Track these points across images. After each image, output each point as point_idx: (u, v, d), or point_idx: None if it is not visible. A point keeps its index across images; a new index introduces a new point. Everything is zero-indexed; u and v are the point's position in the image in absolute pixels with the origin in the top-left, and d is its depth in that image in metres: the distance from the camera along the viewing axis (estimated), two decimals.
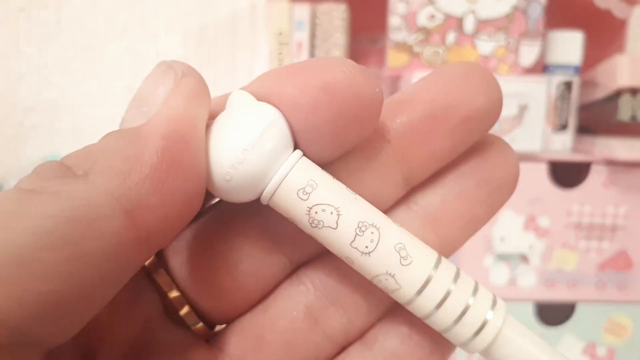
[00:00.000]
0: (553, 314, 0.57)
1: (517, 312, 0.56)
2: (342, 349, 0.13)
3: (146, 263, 0.13)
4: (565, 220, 0.55)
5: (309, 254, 0.13)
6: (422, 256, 0.11)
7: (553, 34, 0.56)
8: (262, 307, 0.13)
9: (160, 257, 0.13)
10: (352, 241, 0.11)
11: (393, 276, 0.11)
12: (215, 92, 0.12)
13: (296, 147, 0.12)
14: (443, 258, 0.12)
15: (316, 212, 0.11)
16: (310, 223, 0.11)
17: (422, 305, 0.11)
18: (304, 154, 0.11)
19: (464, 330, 0.11)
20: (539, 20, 0.53)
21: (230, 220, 0.13)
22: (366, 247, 0.11)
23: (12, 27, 0.68)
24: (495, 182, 0.13)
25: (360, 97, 0.11)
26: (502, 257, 0.55)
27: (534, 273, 0.56)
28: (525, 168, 0.54)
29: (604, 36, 0.62)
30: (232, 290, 0.13)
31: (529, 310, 0.56)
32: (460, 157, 0.13)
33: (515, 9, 0.53)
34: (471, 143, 0.13)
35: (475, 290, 0.11)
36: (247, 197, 0.11)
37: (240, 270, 0.13)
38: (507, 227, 0.55)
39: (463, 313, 0.11)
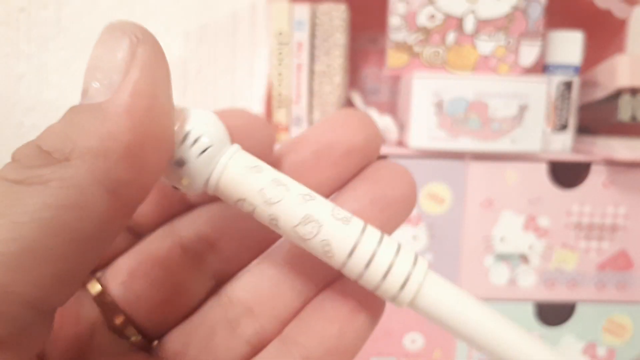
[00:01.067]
0: (553, 314, 0.57)
1: (517, 312, 0.56)
2: (259, 350, 0.14)
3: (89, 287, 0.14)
4: (565, 220, 0.55)
5: (231, 272, 0.15)
6: (354, 221, 0.13)
7: (553, 34, 0.56)
8: (189, 320, 0.15)
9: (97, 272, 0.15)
10: (302, 209, 0.12)
11: (329, 244, 0.12)
12: (215, 91, 0.13)
13: None
14: (368, 225, 0.13)
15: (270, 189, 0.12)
16: (266, 199, 0.12)
17: (353, 270, 0.12)
18: None
19: (391, 285, 0.12)
20: (539, 20, 0.53)
21: (161, 243, 0.15)
22: (311, 230, 0.12)
23: (12, 27, 0.68)
24: (389, 200, 0.14)
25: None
26: (502, 257, 0.55)
27: (534, 273, 0.56)
28: (525, 168, 0.54)
29: (604, 36, 0.62)
30: (164, 306, 0.14)
31: (529, 310, 0.56)
32: (357, 182, 0.14)
33: (515, 9, 0.53)
34: (355, 171, 0.14)
35: (398, 251, 0.12)
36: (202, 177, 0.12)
37: (171, 289, 0.14)
38: (507, 227, 0.55)
39: (388, 270, 0.12)
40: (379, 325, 0.14)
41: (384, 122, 0.57)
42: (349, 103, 0.62)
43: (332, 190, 0.14)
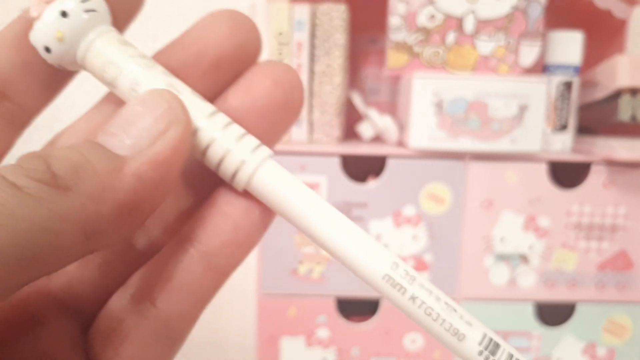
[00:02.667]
0: (553, 314, 0.57)
1: (517, 312, 0.56)
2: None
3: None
4: (565, 221, 0.55)
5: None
6: (207, 105, 0.13)
7: (553, 34, 0.56)
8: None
9: None
10: (163, 80, 0.13)
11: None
12: None
13: None
14: (220, 112, 0.13)
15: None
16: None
17: (196, 152, 0.13)
18: None
19: (227, 169, 0.13)
20: (539, 20, 0.53)
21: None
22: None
23: None
24: (263, 107, 0.14)
25: None
26: (502, 257, 0.55)
27: (534, 273, 0.56)
28: (525, 168, 0.54)
29: (604, 36, 0.62)
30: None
31: (529, 311, 0.56)
32: (229, 92, 0.14)
33: (515, 9, 0.53)
34: (228, 82, 0.14)
35: (240, 137, 0.13)
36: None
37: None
38: (507, 228, 0.55)
39: (225, 155, 0.13)
40: (379, 325, 0.14)
41: (384, 122, 0.57)
42: (349, 103, 0.62)
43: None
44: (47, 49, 0.13)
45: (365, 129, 0.59)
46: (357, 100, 0.61)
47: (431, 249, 0.55)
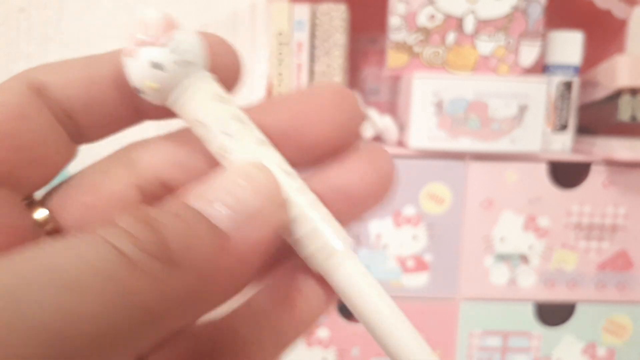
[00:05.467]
0: (553, 314, 0.57)
1: (517, 312, 0.56)
2: None
3: (47, 228, 0.13)
4: (565, 221, 0.55)
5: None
6: (298, 179, 0.13)
7: (553, 34, 0.56)
8: None
9: (55, 220, 0.14)
10: (254, 150, 0.13)
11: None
12: None
13: None
14: (308, 190, 0.13)
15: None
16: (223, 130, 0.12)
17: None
18: None
19: (307, 248, 0.13)
20: (539, 20, 0.53)
21: (119, 181, 0.14)
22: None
23: (12, 27, 0.68)
24: (354, 193, 0.13)
25: None
26: (502, 257, 0.55)
27: (534, 273, 0.56)
28: (525, 168, 0.54)
29: (604, 36, 0.62)
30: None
31: (529, 310, 0.56)
32: (325, 168, 0.14)
33: (515, 9, 0.53)
34: (322, 159, 0.14)
35: (326, 219, 0.13)
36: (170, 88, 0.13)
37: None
38: (507, 227, 0.55)
39: (308, 234, 0.13)
40: None
41: (384, 122, 0.57)
42: None
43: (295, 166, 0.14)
44: (140, 92, 0.13)
45: (365, 129, 0.59)
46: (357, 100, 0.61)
47: (431, 249, 0.55)
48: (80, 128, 0.13)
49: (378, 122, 0.57)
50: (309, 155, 0.13)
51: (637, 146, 0.51)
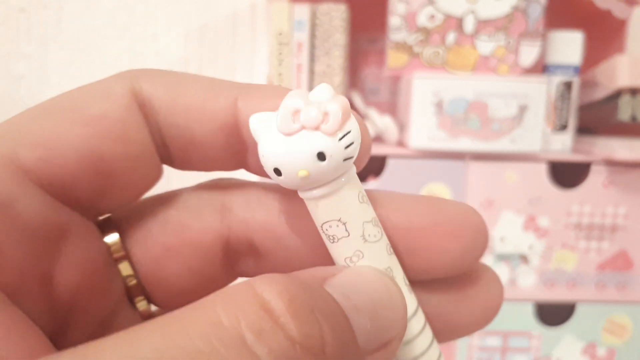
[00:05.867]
0: (553, 314, 0.57)
1: (517, 312, 0.56)
2: None
3: (115, 255, 0.13)
4: (565, 221, 0.55)
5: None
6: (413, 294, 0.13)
7: (553, 34, 0.56)
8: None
9: (126, 249, 0.13)
10: (386, 259, 0.12)
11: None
12: None
13: None
14: (420, 310, 0.13)
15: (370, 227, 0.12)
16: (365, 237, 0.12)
17: None
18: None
19: None
20: (539, 20, 0.53)
21: (206, 229, 0.13)
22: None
23: (12, 27, 0.68)
24: (457, 322, 0.14)
25: None
26: (502, 257, 0.55)
27: (534, 273, 0.56)
28: (525, 168, 0.54)
29: (604, 36, 0.62)
30: (184, 295, 0.13)
31: (529, 311, 0.56)
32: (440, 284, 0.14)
33: (515, 9, 0.53)
34: (438, 277, 0.13)
35: (431, 342, 0.13)
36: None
37: (190, 273, 0.13)
38: (507, 227, 0.55)
39: (417, 356, 0.13)
40: None
41: (384, 122, 0.57)
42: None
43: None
44: (278, 172, 0.11)
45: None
46: (357, 100, 0.61)
47: None
48: (170, 154, 0.12)
49: (378, 122, 0.57)
50: (422, 274, 0.13)
51: (637, 146, 0.51)
